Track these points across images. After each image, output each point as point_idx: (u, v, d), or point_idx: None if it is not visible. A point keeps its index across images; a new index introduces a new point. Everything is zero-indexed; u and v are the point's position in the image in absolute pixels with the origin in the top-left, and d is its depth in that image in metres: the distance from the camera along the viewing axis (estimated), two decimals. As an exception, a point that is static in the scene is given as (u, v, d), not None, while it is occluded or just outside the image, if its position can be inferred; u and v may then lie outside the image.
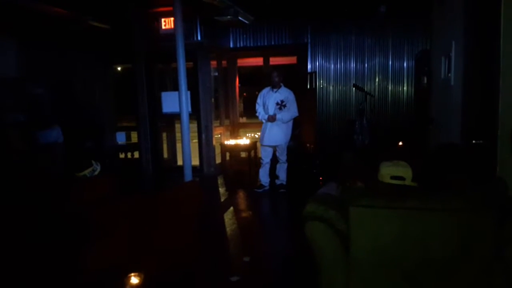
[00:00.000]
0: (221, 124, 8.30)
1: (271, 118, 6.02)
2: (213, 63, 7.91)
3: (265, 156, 6.28)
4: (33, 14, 6.09)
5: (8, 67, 6.37)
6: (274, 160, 6.35)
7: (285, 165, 6.30)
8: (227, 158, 7.75)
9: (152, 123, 7.47)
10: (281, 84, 6.11)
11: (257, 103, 6.28)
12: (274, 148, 6.24)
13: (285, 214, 5.72)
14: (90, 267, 2.66)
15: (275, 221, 5.46)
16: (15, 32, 6.38)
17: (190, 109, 6.16)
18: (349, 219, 2.23)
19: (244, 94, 13.21)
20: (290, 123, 6.22)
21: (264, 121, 6.18)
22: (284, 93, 6.08)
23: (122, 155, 8.17)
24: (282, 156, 6.23)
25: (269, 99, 6.10)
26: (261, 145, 6.29)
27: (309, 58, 8.00)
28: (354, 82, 7.73)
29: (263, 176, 6.36)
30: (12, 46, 6.47)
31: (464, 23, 4.39)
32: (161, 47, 6.87)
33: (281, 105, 6.03)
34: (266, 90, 6.22)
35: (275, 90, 6.10)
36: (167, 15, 6.71)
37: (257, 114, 6.30)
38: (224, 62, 8.47)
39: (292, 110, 6.08)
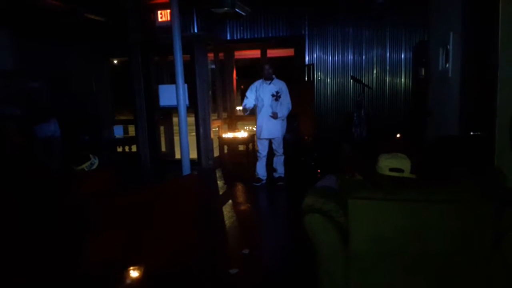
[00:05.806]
0: (218, 117, 8.28)
1: (274, 116, 5.98)
2: (210, 55, 7.87)
3: (263, 149, 6.27)
4: (28, 7, 6.04)
5: (4, 61, 6.31)
6: (271, 153, 6.34)
7: (282, 158, 6.30)
8: (225, 151, 7.75)
9: (149, 117, 7.45)
10: (273, 76, 6.10)
11: (247, 96, 6.20)
12: (271, 141, 6.24)
13: (283, 206, 5.72)
14: (90, 260, 2.66)
15: (274, 213, 5.45)
16: (10, 25, 6.32)
17: (187, 102, 6.13)
18: (348, 212, 2.23)
19: (242, 86, 13.13)
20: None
21: (246, 113, 6.21)
22: (278, 84, 6.07)
23: (119, 149, 8.16)
24: (279, 149, 6.22)
25: (263, 92, 6.06)
26: (258, 138, 6.28)
27: (307, 50, 7.98)
28: (352, 74, 7.72)
29: (260, 169, 6.35)
30: (7, 39, 6.41)
31: (462, 14, 4.37)
32: (157, 40, 6.83)
33: (276, 96, 6.02)
34: (258, 83, 6.15)
35: (268, 82, 6.07)
36: (163, 7, 6.66)
37: (243, 105, 6.26)
38: (221, 55, 8.43)
39: (286, 102, 6.06)
